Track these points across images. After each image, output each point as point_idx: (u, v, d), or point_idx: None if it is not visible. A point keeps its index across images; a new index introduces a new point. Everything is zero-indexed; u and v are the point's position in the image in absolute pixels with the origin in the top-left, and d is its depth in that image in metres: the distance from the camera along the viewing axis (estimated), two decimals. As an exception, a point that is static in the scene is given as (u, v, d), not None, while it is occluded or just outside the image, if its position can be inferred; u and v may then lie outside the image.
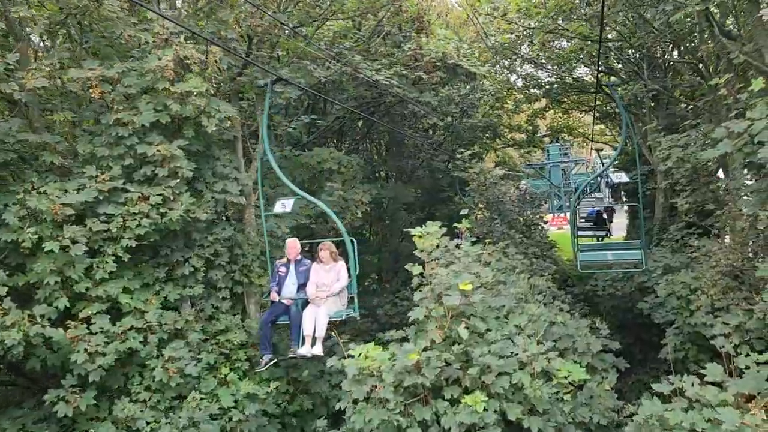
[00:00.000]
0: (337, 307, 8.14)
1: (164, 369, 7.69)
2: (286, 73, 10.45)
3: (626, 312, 15.39)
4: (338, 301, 8.18)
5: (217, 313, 9.14)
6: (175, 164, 7.68)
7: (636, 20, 13.75)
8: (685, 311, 10.63)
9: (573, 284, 17.54)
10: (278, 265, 8.34)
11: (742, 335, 7.12)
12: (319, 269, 8.18)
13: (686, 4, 6.61)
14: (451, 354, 6.51)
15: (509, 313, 8.12)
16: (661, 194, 16.82)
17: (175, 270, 8.58)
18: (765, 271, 6.15)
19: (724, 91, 6.34)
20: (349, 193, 13.26)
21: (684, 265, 12.81)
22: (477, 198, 14.43)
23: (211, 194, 8.89)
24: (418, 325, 7.12)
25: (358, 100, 14.69)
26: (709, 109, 10.97)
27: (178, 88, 7.57)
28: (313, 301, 7.90)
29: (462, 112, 18.86)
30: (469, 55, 13.43)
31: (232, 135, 9.67)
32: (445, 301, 6.69)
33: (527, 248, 14.98)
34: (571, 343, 8.26)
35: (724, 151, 6.20)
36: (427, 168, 20.98)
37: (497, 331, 7.15)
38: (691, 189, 10.80)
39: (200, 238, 8.82)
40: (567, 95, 21.32)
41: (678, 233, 14.73)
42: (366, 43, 11.75)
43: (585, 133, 29.48)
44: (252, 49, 9.39)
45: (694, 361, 10.90)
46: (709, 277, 8.80)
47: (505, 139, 27.21)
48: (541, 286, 11.41)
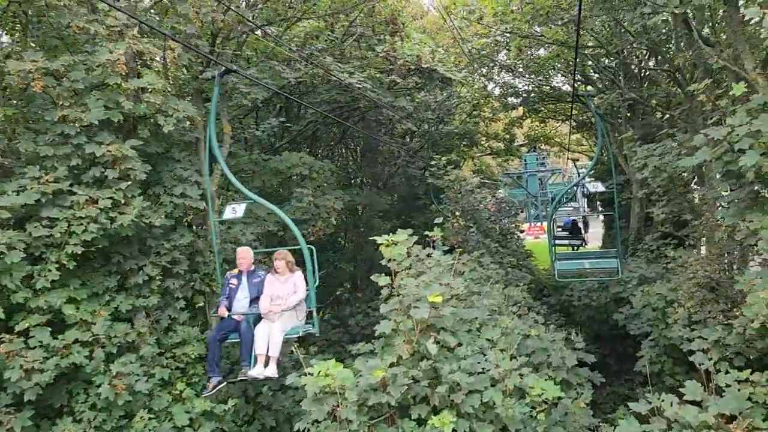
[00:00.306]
0: (293, 322, 7.36)
1: (111, 386, 7.12)
2: (253, 74, 10.03)
3: (602, 323, 15.32)
4: (295, 316, 7.40)
5: (174, 324, 8.60)
6: (127, 165, 7.16)
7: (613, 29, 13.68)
8: (661, 323, 10.46)
9: (549, 294, 17.41)
10: (229, 277, 7.54)
11: (721, 351, 6.87)
12: (274, 281, 7.44)
13: (665, 7, 6.39)
14: (419, 370, 6.13)
15: (482, 325, 7.79)
16: (637, 204, 16.75)
17: (128, 279, 8.03)
18: (744, 284, 5.89)
19: (703, 98, 6.11)
20: (320, 199, 12.83)
21: (659, 275, 12.75)
22: (452, 206, 14.11)
23: (169, 198, 8.38)
24: (385, 339, 6.73)
25: (332, 104, 14.29)
26: (685, 118, 10.85)
27: (131, 84, 7.07)
28: (266, 316, 7.15)
29: (438, 119, 18.62)
30: (445, 60, 13.16)
31: (194, 136, 9.16)
32: (413, 314, 6.31)
33: (503, 258, 14.73)
34: (546, 357, 7.94)
35: (703, 159, 5.95)
36: (403, 175, 20.66)
37: (468, 345, 6.80)
38: (668, 199, 10.65)
39: (156, 244, 8.29)
40: (544, 104, 21.27)
41: (653, 243, 14.70)
42: (339, 44, 11.37)
43: (562, 142, 29.54)
44: (216, 46, 8.94)
45: (670, 374, 10.75)
46: (686, 289, 8.58)
47: (482, 147, 27.10)
48: (516, 296, 11.11)
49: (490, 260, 12.65)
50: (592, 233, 28.11)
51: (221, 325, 7.31)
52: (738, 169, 5.86)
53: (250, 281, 7.46)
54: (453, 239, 13.82)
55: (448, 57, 13.09)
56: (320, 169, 13.10)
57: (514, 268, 14.73)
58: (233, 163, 12.10)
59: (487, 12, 12.28)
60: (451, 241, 13.84)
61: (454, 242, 13.66)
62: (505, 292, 10.91)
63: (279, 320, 7.12)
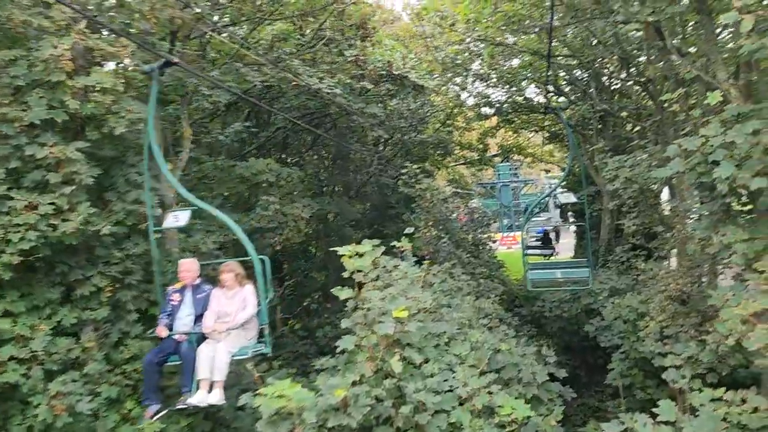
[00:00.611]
0: (241, 342, 6.62)
1: (50, 407, 6.57)
2: (216, 75, 9.62)
3: (572, 334, 15.28)
4: (243, 335, 6.66)
5: (125, 338, 8.04)
6: (72, 169, 6.66)
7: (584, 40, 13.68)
8: (632, 336, 10.37)
9: (521, 305, 17.32)
10: (170, 292, 6.85)
11: (694, 367, 6.70)
12: (221, 296, 6.78)
13: (637, 15, 6.24)
14: (383, 389, 5.79)
15: (451, 340, 7.49)
16: (608, 215, 16.79)
17: (74, 290, 7.48)
18: (717, 299, 5.72)
19: (676, 107, 5.96)
20: (287, 207, 12.41)
21: (630, 287, 12.74)
22: (424, 216, 13.84)
23: (122, 205, 7.88)
24: (348, 355, 6.37)
25: (301, 110, 13.93)
26: (656, 130, 10.83)
27: (78, 82, 6.61)
28: (210, 335, 6.45)
29: (411, 127, 18.40)
30: (417, 68, 12.95)
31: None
32: (377, 329, 5.97)
33: (475, 268, 14.52)
34: (517, 373, 7.70)
35: (676, 170, 5.78)
36: (375, 184, 20.36)
37: (436, 362, 6.50)
38: (639, 210, 10.58)
39: (107, 254, 7.77)
40: (517, 114, 21.30)
41: (624, 255, 14.73)
42: (308, 48, 11.03)
43: (535, 153, 29.71)
44: (175, 45, 8.52)
45: (640, 388, 10.64)
46: (657, 302, 8.45)
47: (456, 156, 27.03)
48: (487, 308, 10.87)
49: (462, 271, 12.41)
50: (564, 244, 28.26)
51: (161, 347, 6.58)
52: (711, 181, 5.70)
53: (195, 296, 6.80)
54: (424, 250, 13.53)
55: (420, 64, 12.86)
56: (288, 176, 12.71)
57: (486, 279, 14.53)
58: (196, 170, 11.65)
59: (459, 19, 12.13)
60: (422, 252, 13.56)
61: (425, 253, 13.38)
62: (476, 304, 10.67)
63: (225, 340, 6.46)
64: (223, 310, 6.69)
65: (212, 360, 6.28)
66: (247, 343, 6.69)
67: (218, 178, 11.87)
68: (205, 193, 11.83)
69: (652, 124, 10.50)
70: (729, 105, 5.54)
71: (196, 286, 6.90)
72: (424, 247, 13.51)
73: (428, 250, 13.32)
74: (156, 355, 6.53)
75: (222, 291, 6.83)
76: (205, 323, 6.54)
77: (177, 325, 6.65)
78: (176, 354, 6.48)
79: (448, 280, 10.95)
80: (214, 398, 6.26)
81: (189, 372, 6.32)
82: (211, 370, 6.27)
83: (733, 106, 5.43)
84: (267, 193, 12.16)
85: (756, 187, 4.78)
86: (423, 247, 13.57)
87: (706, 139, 5.40)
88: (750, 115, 5.29)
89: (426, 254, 13.27)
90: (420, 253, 13.65)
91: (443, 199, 14.66)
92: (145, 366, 6.57)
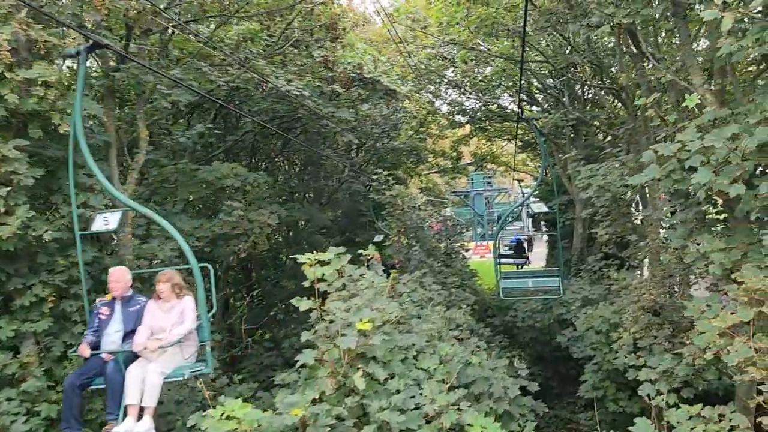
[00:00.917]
0: (176, 361, 5.84)
1: (-21, 429, 6.00)
2: (176, 74, 9.15)
3: (545, 344, 15.18)
4: (180, 354, 5.88)
5: (70, 352, 7.47)
6: (9, 168, 6.13)
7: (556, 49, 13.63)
8: (605, 347, 10.21)
9: (493, 315, 17.17)
10: (98, 305, 6.07)
11: (670, 381, 6.48)
12: (156, 309, 6.01)
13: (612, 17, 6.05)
14: (345, 408, 5.40)
15: (419, 353, 7.14)
16: (580, 224, 16.73)
17: (12, 300, 6.90)
18: (693, 310, 5.50)
19: (651, 112, 5.75)
20: (253, 213, 11.92)
21: (602, 297, 12.67)
22: (395, 223, 13.50)
23: (69, 209, 7.32)
24: (307, 371, 5.96)
25: (270, 114, 13.48)
26: (629, 138, 10.75)
27: (17, 74, 6.10)
28: (141, 354, 5.66)
29: (384, 134, 18.13)
30: (389, 72, 12.66)
31: (103, 140, 8.17)
32: (339, 343, 5.59)
33: (446, 277, 14.25)
34: (487, 387, 7.39)
35: (652, 176, 5.56)
36: (347, 191, 20.00)
37: (402, 377, 6.13)
38: (612, 219, 10.46)
39: (50, 261, 7.21)
40: (491, 122, 21.24)
41: (596, 264, 14.69)
42: (276, 50, 10.63)
43: (508, 162, 29.78)
44: (131, 40, 8.04)
45: (612, 400, 10.47)
46: (630, 313, 8.25)
47: (429, 164, 26.88)
48: (458, 319, 10.56)
49: (433, 280, 12.10)
50: (537, 253, 28.32)
51: (85, 367, 5.78)
52: (687, 189, 5.51)
53: (126, 310, 6.02)
54: (395, 258, 13.19)
55: (391, 68, 12.58)
56: (255, 181, 12.23)
57: (458, 289, 14.28)
58: (156, 173, 11.11)
59: (431, 22, 11.91)
60: (393, 260, 13.22)
61: (395, 261, 13.04)
62: (447, 314, 10.36)
63: (158, 359, 5.68)
64: (158, 325, 5.93)
65: (142, 382, 5.49)
66: (184, 362, 5.91)
67: (180, 182, 11.34)
68: (168, 198, 11.32)
69: (625, 132, 10.41)
70: (706, 109, 5.35)
71: (127, 299, 6.13)
72: (395, 256, 13.17)
73: (398, 259, 12.97)
74: (78, 377, 5.72)
75: (157, 303, 6.07)
76: (136, 340, 5.76)
77: (104, 343, 5.89)
78: (102, 375, 5.69)
79: (418, 290, 10.63)
80: (142, 427, 5.44)
81: (115, 397, 5.51)
82: (141, 395, 5.47)
83: (711, 110, 5.24)
84: (231, 198, 11.67)
85: (735, 193, 4.57)
86: (394, 256, 13.23)
87: (682, 144, 5.19)
88: (728, 120, 5.11)
89: (396, 263, 12.93)
90: (390, 261, 13.32)
91: (415, 206, 14.36)
92: (66, 389, 5.73)
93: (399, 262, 12.90)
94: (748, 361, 4.40)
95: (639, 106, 6.79)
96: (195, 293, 6.08)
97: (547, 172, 19.15)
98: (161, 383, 5.59)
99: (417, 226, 14.35)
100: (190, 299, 6.05)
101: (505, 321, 16.30)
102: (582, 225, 16.67)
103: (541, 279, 15.24)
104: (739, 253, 5.22)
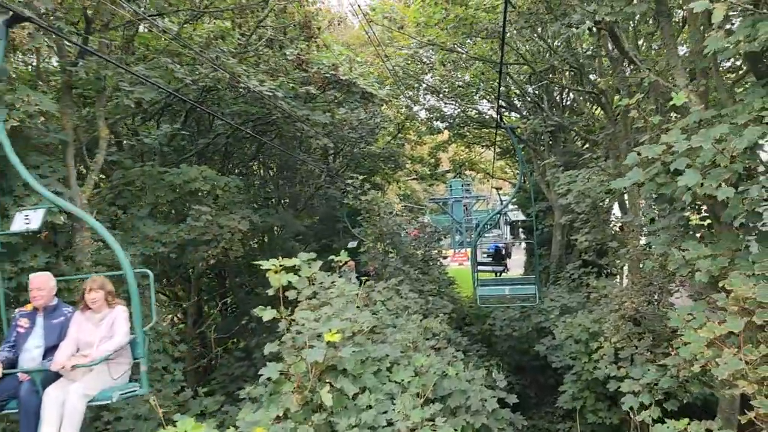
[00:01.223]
0: (104, 382, 5.02)
1: None
2: (141, 70, 8.69)
3: (523, 353, 15.02)
4: (108, 373, 5.06)
5: (18, 366, 6.93)
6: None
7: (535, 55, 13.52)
8: (584, 356, 10.01)
9: (471, 323, 16.99)
10: (17, 317, 5.29)
11: (654, 394, 6.23)
12: (83, 321, 5.22)
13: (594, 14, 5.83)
14: (311, 425, 5.03)
15: (393, 365, 6.79)
16: (559, 231, 16.60)
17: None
18: (677, 320, 5.26)
19: (634, 113, 5.52)
20: (224, 219, 11.46)
21: (581, 305, 12.52)
22: (370, 229, 13.15)
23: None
24: (272, 385, 5.57)
25: (242, 116, 13.05)
26: (609, 144, 10.60)
27: (-42, 64, 5.61)
28: (63, 373, 4.89)
29: (361, 139, 17.81)
30: (365, 74, 12.34)
31: (58, 138, 7.68)
32: (305, 355, 5.22)
33: (424, 285, 13.94)
34: (464, 400, 7.07)
35: (636, 180, 5.32)
36: (323, 197, 19.59)
37: (374, 392, 5.77)
38: (591, 226, 10.28)
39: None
40: (469, 129, 21.11)
41: (575, 272, 14.55)
42: (246, 47, 10.22)
43: (486, 168, 29.72)
44: (91, 33, 7.59)
45: (592, 411, 10.27)
46: (611, 322, 8.02)
47: (408, 170, 26.65)
48: (434, 328, 10.24)
49: (409, 288, 11.77)
50: (515, 260, 28.24)
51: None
52: (671, 193, 5.27)
53: (48, 323, 5.24)
54: (370, 265, 12.83)
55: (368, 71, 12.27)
56: (226, 185, 11.77)
57: (435, 297, 13.98)
58: (120, 176, 10.60)
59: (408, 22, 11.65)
60: (368, 267, 12.85)
61: (370, 268, 12.67)
62: (423, 323, 10.04)
63: (82, 379, 4.91)
64: (85, 340, 5.12)
65: (62, 406, 4.71)
66: (113, 382, 5.07)
67: (147, 186, 10.83)
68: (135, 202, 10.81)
69: (605, 137, 10.26)
70: (692, 109, 5.13)
71: (51, 309, 5.32)
72: (371, 263, 12.81)
73: (374, 266, 12.61)
74: None
75: (85, 315, 5.26)
76: (56, 357, 4.93)
77: (22, 360, 5.10)
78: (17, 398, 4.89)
79: (394, 298, 10.28)
80: None
81: (29, 423, 4.72)
82: (60, 420, 4.69)
83: (697, 110, 5.03)
84: (203, 203, 11.19)
85: (723, 197, 4.33)
86: (369, 263, 12.87)
87: (668, 146, 4.95)
88: (714, 121, 4.90)
89: (371, 270, 12.57)
90: (365, 269, 12.96)
91: (391, 212, 14.04)
92: None
93: (374, 269, 12.54)
94: (737, 373, 4.15)
95: (620, 110, 6.61)
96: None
97: (525, 179, 19.07)
98: (84, 408, 4.81)
99: (394, 232, 14.03)
100: (122, 310, 5.31)
101: (483, 329, 16.14)
102: (561, 232, 16.56)
103: (517, 286, 15.17)
104: (725, 260, 4.99)
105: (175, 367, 9.75)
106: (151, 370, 9.37)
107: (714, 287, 5.12)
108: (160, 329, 9.94)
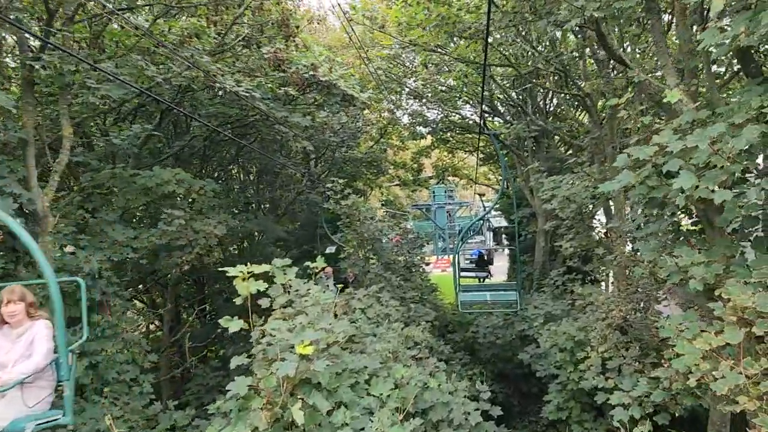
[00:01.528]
0: (17, 409, 4.26)
1: None
2: (108, 67, 8.27)
3: (506, 362, 14.78)
4: (20, 399, 4.29)
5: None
6: None
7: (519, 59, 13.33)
8: (570, 365, 9.75)
9: (454, 330, 16.69)
10: None
11: (644, 407, 5.95)
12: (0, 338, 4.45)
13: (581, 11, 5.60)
14: (281, 445, 4.66)
15: (372, 377, 6.43)
16: (542, 237, 16.41)
17: None
18: (669, 330, 4.99)
19: (623, 114, 5.28)
20: (199, 223, 11.03)
21: (565, 312, 12.29)
22: (351, 235, 12.79)
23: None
24: (240, 401, 5.18)
25: (219, 117, 12.62)
26: (594, 148, 10.41)
27: None
28: None
29: (342, 143, 17.47)
30: (346, 76, 12.01)
31: (17, 137, 7.22)
32: (275, 369, 4.84)
33: (405, 292, 13.60)
34: (447, 413, 6.74)
35: (626, 182, 5.06)
36: (304, 202, 19.19)
37: (350, 407, 5.41)
38: (576, 232, 10.05)
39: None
40: (452, 133, 20.90)
41: (559, 278, 14.35)
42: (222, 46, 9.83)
43: (470, 174, 29.56)
44: (53, 27, 7.15)
45: (577, 422, 10.02)
46: (599, 331, 7.76)
47: (390, 176, 26.37)
48: (416, 336, 9.91)
49: (390, 295, 11.43)
50: (498, 266, 28.10)
51: None
52: (663, 196, 5.02)
53: None
54: (350, 271, 12.46)
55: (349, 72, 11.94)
56: (201, 188, 11.32)
57: (417, 304, 13.65)
58: (89, 178, 10.13)
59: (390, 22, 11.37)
60: (347, 274, 12.49)
61: (350, 275, 12.31)
62: (404, 332, 9.70)
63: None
64: (3, 359, 4.34)
65: None
66: (28, 411, 4.29)
67: (118, 188, 10.36)
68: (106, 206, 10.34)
69: (590, 142, 10.08)
70: (686, 108, 4.89)
71: None
72: (351, 269, 12.44)
73: (354, 273, 12.25)
74: None
75: (2, 331, 4.46)
76: None
77: None
78: None
79: (374, 306, 9.92)
80: None
81: None
82: None
83: (689, 109, 4.79)
84: (174, 207, 10.75)
85: (720, 200, 4.08)
86: (349, 269, 12.50)
87: (660, 147, 4.70)
88: (708, 121, 4.66)
89: (350, 277, 12.20)
90: (344, 275, 12.60)
91: (372, 217, 13.69)
92: None
93: (354, 275, 12.17)
94: (737, 389, 3.88)
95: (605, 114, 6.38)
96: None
97: (508, 184, 18.91)
98: None
99: (375, 238, 13.68)
100: (45, 325, 4.48)
101: (466, 337, 15.87)
102: (544, 238, 16.37)
103: (499, 292, 15.10)
104: (720, 267, 4.74)
105: (144, 379, 9.29)
106: (118, 382, 8.93)
107: (708, 296, 4.87)
108: (129, 338, 9.49)
